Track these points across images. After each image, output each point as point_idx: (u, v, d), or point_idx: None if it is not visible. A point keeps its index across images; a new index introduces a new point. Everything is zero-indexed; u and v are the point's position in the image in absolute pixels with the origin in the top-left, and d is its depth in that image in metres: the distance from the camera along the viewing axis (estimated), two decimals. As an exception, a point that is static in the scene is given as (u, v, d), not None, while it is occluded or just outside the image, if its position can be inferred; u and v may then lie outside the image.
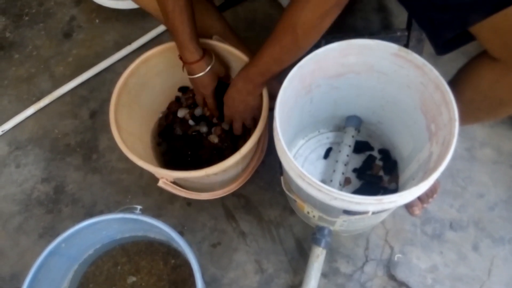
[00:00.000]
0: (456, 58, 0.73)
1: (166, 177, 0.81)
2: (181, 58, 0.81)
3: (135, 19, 1.31)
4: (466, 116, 0.71)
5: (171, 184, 0.83)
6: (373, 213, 0.68)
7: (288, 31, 0.67)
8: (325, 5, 0.62)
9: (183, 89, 1.02)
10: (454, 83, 0.71)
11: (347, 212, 0.73)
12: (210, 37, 0.88)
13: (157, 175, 0.82)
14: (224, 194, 0.96)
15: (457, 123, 0.65)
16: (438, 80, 0.68)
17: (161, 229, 0.73)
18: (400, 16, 1.23)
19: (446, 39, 0.64)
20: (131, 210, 0.76)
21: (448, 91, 0.67)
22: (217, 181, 0.90)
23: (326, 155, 1.01)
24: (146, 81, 0.90)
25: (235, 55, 0.86)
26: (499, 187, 1.00)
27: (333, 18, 0.65)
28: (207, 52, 0.82)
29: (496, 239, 0.95)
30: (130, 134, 0.87)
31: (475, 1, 0.56)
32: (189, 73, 0.83)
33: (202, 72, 0.82)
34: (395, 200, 0.64)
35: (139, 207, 0.77)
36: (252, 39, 1.20)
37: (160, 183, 0.82)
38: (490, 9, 0.54)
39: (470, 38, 0.62)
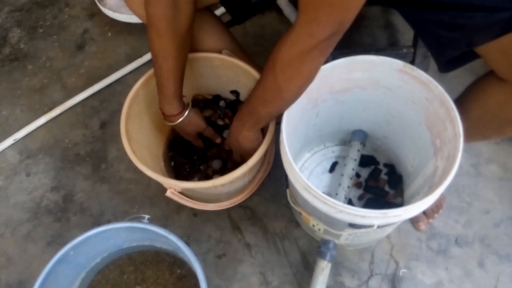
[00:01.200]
0: (462, 75, 0.75)
1: (174, 187, 0.82)
2: (164, 114, 0.86)
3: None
4: (473, 134, 0.72)
5: (179, 194, 0.85)
6: (378, 226, 0.69)
7: (270, 68, 0.65)
8: (303, 43, 0.58)
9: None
10: (462, 101, 0.71)
11: (352, 226, 0.73)
12: (220, 52, 0.90)
13: (165, 185, 0.83)
14: (231, 205, 0.97)
15: (461, 138, 0.66)
16: (443, 96, 0.70)
17: (168, 238, 0.74)
18: (406, 33, 1.25)
19: (451, 57, 0.65)
20: (139, 219, 0.77)
21: (453, 107, 0.68)
22: (223, 192, 0.91)
23: (332, 169, 1.02)
24: (157, 93, 0.92)
25: (243, 69, 0.88)
26: (505, 203, 1.00)
27: (314, 62, 0.62)
28: (186, 105, 0.87)
29: (502, 256, 0.95)
30: (140, 144, 0.88)
31: (483, 22, 0.57)
32: (170, 122, 0.87)
33: (179, 120, 0.86)
34: (400, 214, 0.65)
35: (147, 216, 0.78)
36: (261, 54, 1.22)
37: (168, 193, 0.83)
38: (498, 31, 0.56)
39: (473, 56, 0.63)
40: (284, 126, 0.72)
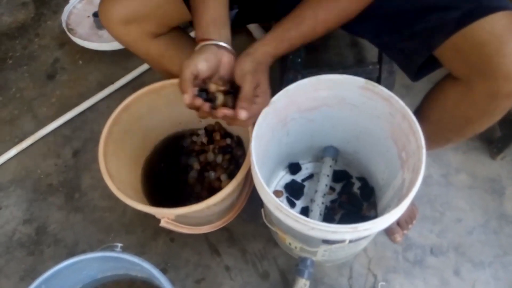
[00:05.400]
0: (427, 88, 0.77)
1: (167, 215, 0.81)
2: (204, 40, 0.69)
3: (118, 60, 1.35)
4: (437, 139, 0.75)
5: (173, 222, 0.83)
6: (350, 241, 0.70)
7: (311, 18, 0.66)
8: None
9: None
10: (422, 105, 0.75)
11: (326, 242, 0.74)
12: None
13: (158, 215, 0.82)
14: (223, 225, 0.96)
15: (424, 150, 0.68)
16: (404, 110, 0.72)
17: (142, 266, 0.73)
18: (372, 50, 1.29)
19: (418, 64, 0.69)
20: (111, 248, 0.76)
21: (414, 120, 0.70)
22: (215, 212, 0.90)
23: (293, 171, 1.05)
24: (129, 128, 0.92)
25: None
26: (476, 211, 1.03)
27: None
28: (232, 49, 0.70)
29: (476, 263, 0.96)
30: (121, 181, 0.86)
31: (438, 23, 0.62)
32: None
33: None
34: (370, 228, 0.66)
35: (119, 245, 0.77)
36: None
37: (162, 223, 0.81)
38: (451, 29, 0.60)
39: (438, 64, 0.67)
40: (253, 147, 0.73)
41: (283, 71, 1.08)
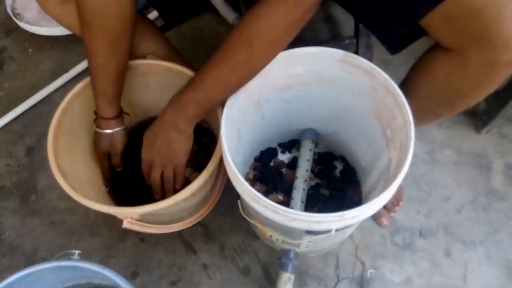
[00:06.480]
0: (407, 62, 0.71)
1: (131, 215, 0.72)
2: (96, 112, 0.77)
3: (72, 45, 1.24)
4: (425, 114, 0.69)
5: (138, 222, 0.74)
6: (337, 230, 0.63)
7: (243, 46, 0.59)
8: (292, 15, 0.56)
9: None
10: (409, 80, 0.69)
11: (310, 233, 0.67)
12: (144, 57, 0.82)
13: (119, 216, 0.73)
14: (197, 221, 0.87)
15: (412, 126, 0.61)
16: (388, 83, 0.65)
17: (104, 275, 0.64)
18: (347, 25, 1.22)
19: (399, 35, 0.62)
20: (68, 256, 0.67)
21: (399, 94, 0.64)
22: (186, 208, 0.82)
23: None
24: (83, 118, 0.81)
25: (175, 71, 0.80)
26: (464, 188, 0.98)
27: (294, 34, 0.60)
28: (123, 113, 0.80)
29: (467, 243, 0.92)
30: (77, 179, 0.77)
31: None
32: (101, 127, 0.78)
33: (112, 130, 0.78)
34: (358, 215, 0.59)
35: (77, 252, 0.68)
36: (199, 58, 1.15)
37: (125, 224, 0.72)
38: None
39: (421, 33, 0.60)
40: (223, 132, 0.65)
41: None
